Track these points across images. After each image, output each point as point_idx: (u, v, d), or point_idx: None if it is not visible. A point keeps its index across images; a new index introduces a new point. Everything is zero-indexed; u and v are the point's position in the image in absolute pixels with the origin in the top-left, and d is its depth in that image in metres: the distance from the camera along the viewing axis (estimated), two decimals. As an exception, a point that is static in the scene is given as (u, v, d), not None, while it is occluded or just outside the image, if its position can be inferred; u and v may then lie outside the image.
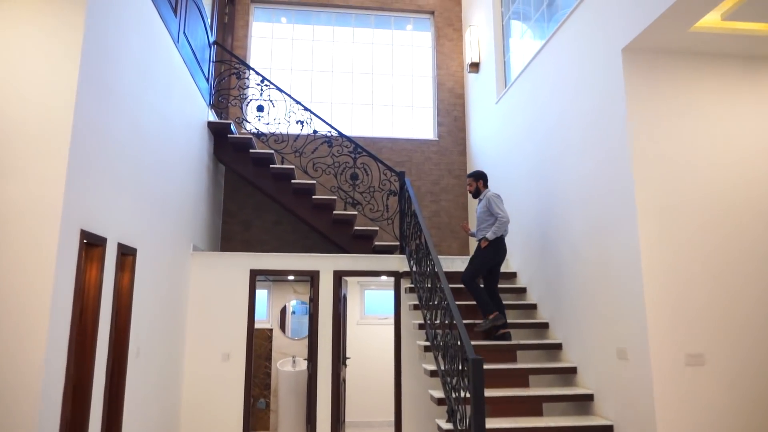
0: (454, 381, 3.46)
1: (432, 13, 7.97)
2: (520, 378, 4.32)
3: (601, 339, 3.93)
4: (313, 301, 5.47)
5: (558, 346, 4.58)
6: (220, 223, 6.91)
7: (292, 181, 6.00)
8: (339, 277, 5.55)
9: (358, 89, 7.73)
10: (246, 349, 5.28)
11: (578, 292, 4.29)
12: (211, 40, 6.12)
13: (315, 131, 6.16)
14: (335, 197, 6.05)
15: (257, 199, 7.02)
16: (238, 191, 7.02)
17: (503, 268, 5.34)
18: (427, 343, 4.42)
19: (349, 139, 6.15)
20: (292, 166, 6.06)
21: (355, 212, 6.03)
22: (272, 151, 6.07)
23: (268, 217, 7.00)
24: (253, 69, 6.21)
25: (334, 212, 5.98)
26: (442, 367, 3.83)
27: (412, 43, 7.96)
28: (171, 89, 4.54)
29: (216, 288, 5.33)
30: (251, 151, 6.02)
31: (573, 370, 4.29)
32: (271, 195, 6.16)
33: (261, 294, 7.50)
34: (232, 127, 6.11)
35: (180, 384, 5.04)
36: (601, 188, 3.99)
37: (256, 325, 7.32)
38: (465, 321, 4.64)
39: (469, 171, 7.02)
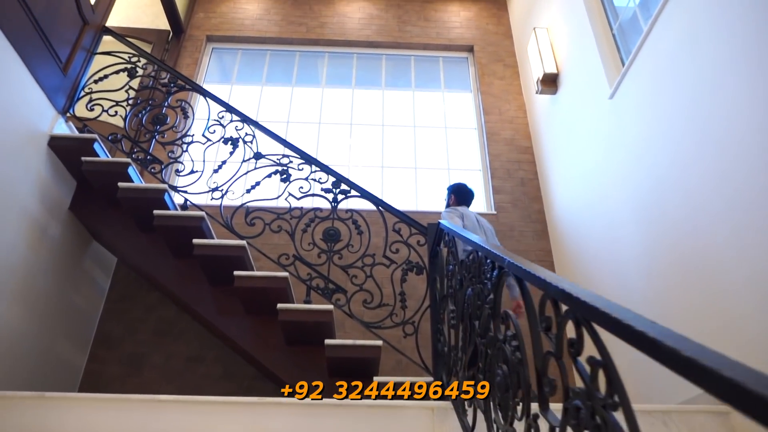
0: None
1: (471, 49, 5.43)
2: None
3: None
4: None
5: None
6: (84, 360, 3.53)
7: (194, 241, 2.76)
8: (264, 465, 1.96)
9: (360, 146, 4.85)
10: None
11: None
12: (90, 17, 3.49)
13: (258, 154, 3.11)
14: (285, 275, 2.70)
15: (164, 315, 3.72)
16: (130, 301, 3.76)
17: None
18: None
19: (324, 167, 3.05)
20: (201, 214, 2.88)
21: (330, 307, 2.62)
22: (165, 187, 2.96)
23: (180, 350, 3.60)
24: (157, 60, 3.44)
25: (280, 306, 2.57)
26: None
27: (443, 86, 5.27)
28: None
29: None
30: (120, 185, 2.92)
31: None
32: (163, 284, 2.91)
33: None
34: (99, 147, 3.13)
35: None
36: None
37: None
38: None
39: (555, 261, 3.75)
